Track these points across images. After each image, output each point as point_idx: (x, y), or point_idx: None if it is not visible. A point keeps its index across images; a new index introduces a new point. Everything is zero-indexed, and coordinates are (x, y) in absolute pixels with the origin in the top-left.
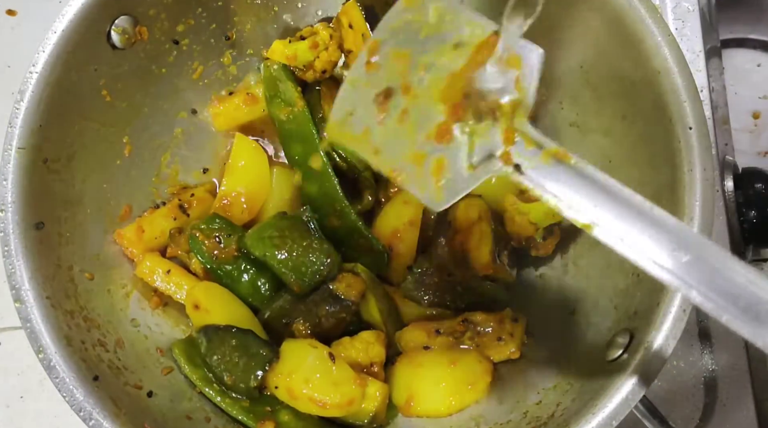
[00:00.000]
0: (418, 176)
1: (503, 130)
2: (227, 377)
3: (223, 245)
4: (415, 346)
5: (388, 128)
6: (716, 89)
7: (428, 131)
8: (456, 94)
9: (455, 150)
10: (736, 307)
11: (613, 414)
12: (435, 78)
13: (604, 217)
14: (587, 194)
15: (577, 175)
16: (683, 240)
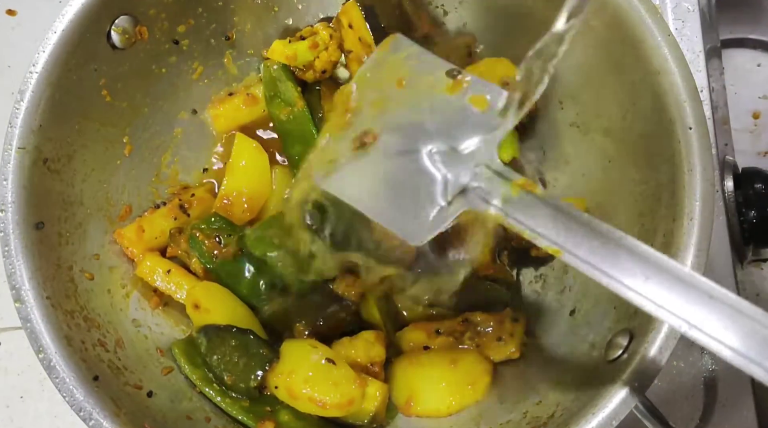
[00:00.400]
0: (397, 215)
1: (474, 165)
2: (227, 377)
3: (223, 244)
4: (415, 346)
5: (365, 171)
6: (716, 89)
7: (404, 170)
8: (428, 135)
9: (431, 186)
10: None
11: (612, 414)
12: (408, 122)
13: (570, 244)
14: (554, 224)
15: (544, 205)
16: (651, 266)
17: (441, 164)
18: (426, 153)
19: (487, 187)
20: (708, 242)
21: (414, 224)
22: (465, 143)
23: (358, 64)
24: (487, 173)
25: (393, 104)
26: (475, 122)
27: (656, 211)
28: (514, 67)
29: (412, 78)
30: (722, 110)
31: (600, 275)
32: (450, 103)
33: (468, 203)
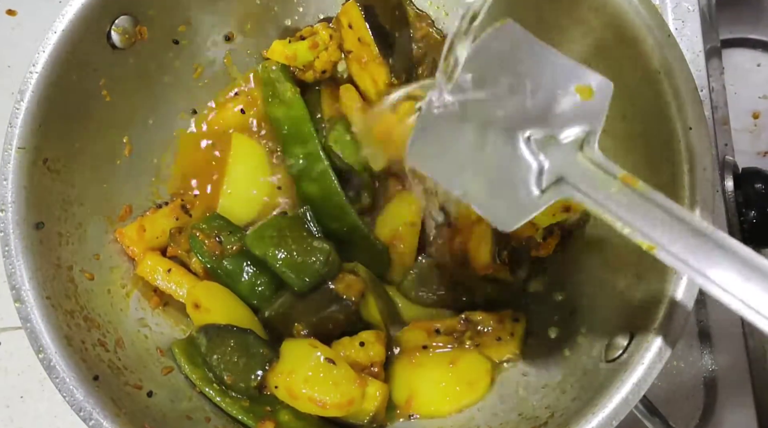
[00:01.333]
0: (488, 198)
1: (575, 156)
2: (227, 376)
3: (223, 244)
4: (415, 346)
5: (461, 148)
6: (716, 89)
7: (500, 151)
8: (528, 121)
9: (525, 173)
10: None
11: (613, 414)
12: (510, 101)
13: (665, 240)
14: (651, 218)
15: (643, 199)
16: (750, 268)
17: (539, 150)
18: (523, 137)
19: (585, 179)
20: None
21: (505, 209)
22: (566, 131)
23: (358, 64)
24: (587, 165)
25: (497, 85)
26: (578, 111)
27: None
28: None
29: (519, 63)
30: (722, 109)
31: (695, 275)
32: (555, 88)
33: (563, 193)
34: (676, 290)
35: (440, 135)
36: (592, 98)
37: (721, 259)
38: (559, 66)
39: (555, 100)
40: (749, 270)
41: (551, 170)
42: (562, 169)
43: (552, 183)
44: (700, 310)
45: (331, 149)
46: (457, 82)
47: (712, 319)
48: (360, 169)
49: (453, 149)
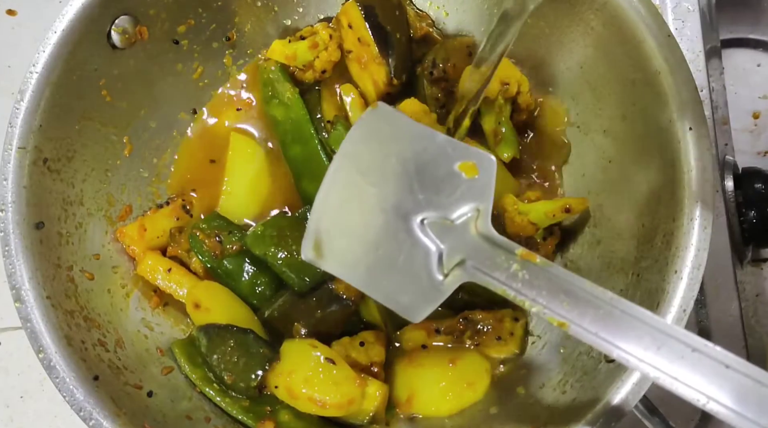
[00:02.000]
0: (393, 290)
1: (471, 236)
2: (227, 376)
3: (223, 244)
4: (414, 345)
5: (359, 245)
6: (716, 89)
7: (397, 242)
8: (419, 205)
9: (425, 259)
10: None
11: (613, 414)
12: (396, 190)
13: (574, 314)
14: (556, 293)
15: (545, 274)
16: (660, 334)
17: (434, 235)
18: (417, 224)
19: (485, 260)
20: (708, 242)
21: (411, 299)
22: (457, 212)
23: (358, 65)
24: (484, 245)
25: (379, 173)
26: (465, 189)
27: (656, 211)
28: (514, 68)
29: (397, 148)
30: (722, 110)
31: (609, 347)
32: (438, 169)
33: (466, 276)
34: (676, 291)
35: (335, 231)
36: (477, 175)
37: (631, 329)
38: (438, 145)
39: (441, 181)
40: (661, 338)
41: (450, 254)
42: (460, 251)
43: (454, 267)
44: (699, 310)
45: (332, 149)
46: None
47: (712, 319)
48: None
49: (350, 245)
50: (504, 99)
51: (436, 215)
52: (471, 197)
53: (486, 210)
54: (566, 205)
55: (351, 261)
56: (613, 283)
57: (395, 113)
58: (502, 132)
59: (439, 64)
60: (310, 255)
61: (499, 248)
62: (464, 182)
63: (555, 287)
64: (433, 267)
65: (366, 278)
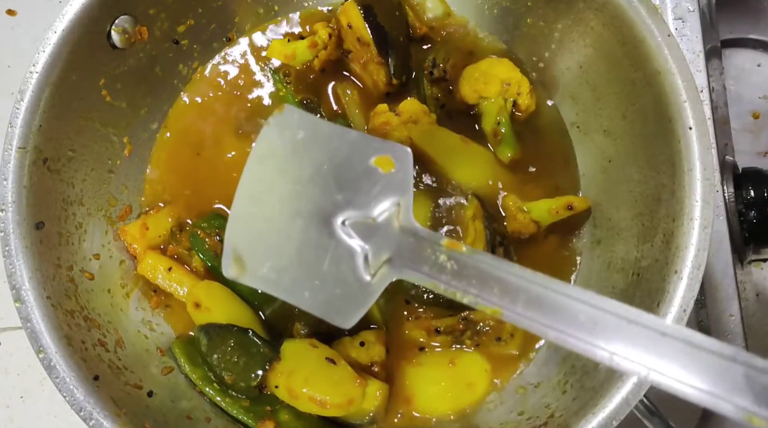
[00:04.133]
0: (320, 298)
1: (394, 232)
2: (227, 376)
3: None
4: (414, 345)
5: (280, 254)
6: (716, 89)
7: (320, 247)
8: (338, 206)
9: (351, 262)
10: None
11: (613, 414)
12: (313, 195)
13: (506, 300)
14: (486, 281)
15: (473, 262)
16: (598, 310)
17: (358, 235)
18: (339, 226)
19: (411, 254)
20: (708, 242)
21: (339, 305)
22: (378, 208)
23: (358, 65)
24: (408, 239)
25: (293, 178)
26: (384, 184)
27: (656, 211)
28: (514, 68)
29: (309, 150)
30: (722, 110)
31: (545, 329)
32: (354, 167)
33: (394, 274)
34: (676, 291)
35: (254, 244)
36: (393, 168)
37: (565, 308)
38: (350, 142)
39: (358, 179)
40: (596, 313)
41: (376, 253)
42: (386, 248)
43: (381, 266)
44: (700, 310)
45: None
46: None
47: (713, 319)
48: None
49: (272, 256)
50: (504, 100)
51: (357, 214)
52: (390, 191)
53: (407, 204)
54: (568, 203)
55: (274, 273)
56: (613, 283)
57: (303, 115)
58: (502, 133)
59: (439, 64)
60: (231, 272)
61: (425, 241)
62: (382, 178)
63: (484, 274)
64: (360, 269)
65: (291, 289)
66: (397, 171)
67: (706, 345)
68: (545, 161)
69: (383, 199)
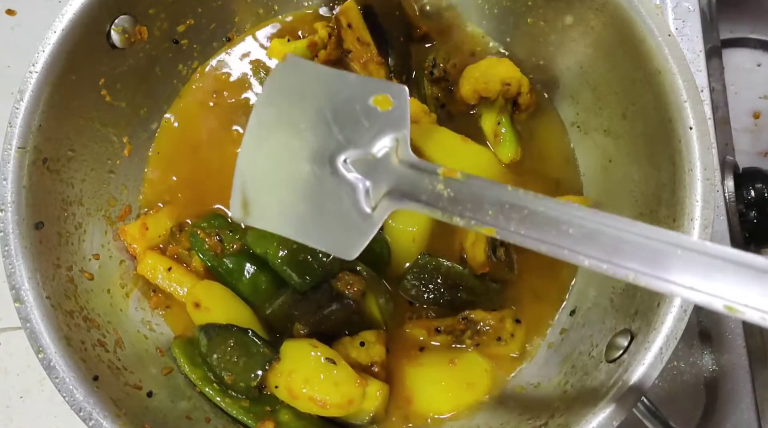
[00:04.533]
0: (324, 232)
1: (393, 165)
2: (227, 376)
3: (224, 243)
4: (415, 345)
5: (284, 193)
6: (716, 89)
7: (323, 185)
8: (340, 145)
9: (352, 196)
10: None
11: (613, 415)
12: (315, 135)
13: (501, 219)
14: (480, 203)
15: (467, 186)
16: (583, 222)
17: (358, 171)
18: (341, 163)
19: (410, 185)
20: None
21: (343, 237)
22: (378, 145)
23: (358, 64)
24: (406, 170)
25: (297, 122)
26: (383, 122)
27: (657, 211)
28: (515, 68)
29: (311, 94)
30: (722, 109)
31: (538, 245)
32: (353, 108)
33: (394, 205)
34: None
35: (261, 187)
36: (391, 106)
37: (557, 224)
38: (350, 85)
39: (358, 118)
40: (588, 225)
41: (376, 186)
42: (385, 181)
43: (380, 199)
44: (700, 310)
45: None
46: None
47: (713, 319)
48: None
49: (278, 198)
50: (504, 99)
51: (358, 152)
52: (389, 128)
53: (404, 137)
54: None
55: (280, 214)
56: (614, 283)
57: (305, 63)
58: (502, 132)
59: (440, 63)
60: (238, 214)
61: (422, 172)
62: (380, 115)
63: (478, 197)
64: (362, 202)
65: (297, 228)
66: (395, 108)
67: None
68: (546, 160)
69: (382, 135)
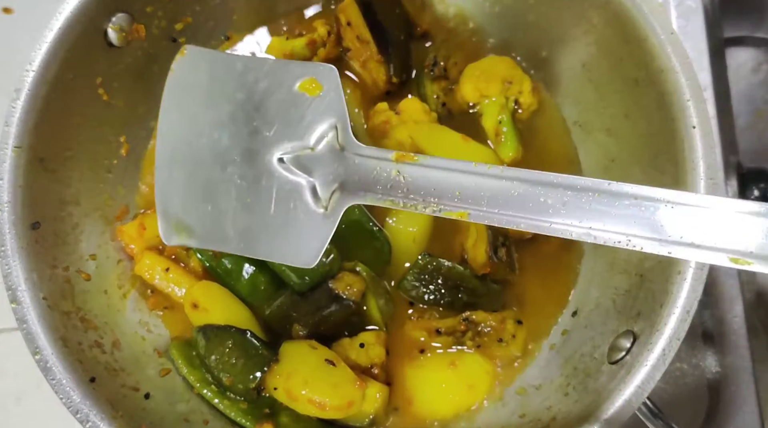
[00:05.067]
0: (278, 244)
1: (338, 156)
2: (225, 378)
3: None
4: (415, 346)
5: (224, 209)
6: (720, 88)
7: (264, 192)
8: (270, 142)
9: (298, 198)
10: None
11: (615, 417)
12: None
13: (470, 200)
14: (446, 185)
15: (427, 171)
16: (560, 191)
17: (299, 169)
18: (276, 164)
19: (361, 175)
20: None
21: (297, 245)
22: (314, 136)
23: (358, 63)
24: (355, 161)
25: (213, 122)
26: (315, 109)
27: None
28: (516, 66)
29: (223, 89)
30: (726, 108)
31: (516, 220)
32: (278, 98)
33: (348, 199)
34: (680, 292)
35: (189, 202)
36: (321, 91)
37: (531, 197)
38: (268, 71)
39: (286, 109)
40: (566, 193)
41: (323, 183)
42: (332, 177)
43: (331, 195)
44: (703, 311)
45: None
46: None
47: (716, 320)
48: None
49: (212, 212)
50: (505, 98)
51: (293, 146)
52: (323, 115)
53: (344, 124)
54: None
55: (217, 230)
56: (616, 284)
57: (208, 52)
58: (504, 131)
59: (440, 62)
60: (171, 239)
61: (372, 159)
62: (311, 102)
63: (442, 182)
64: (310, 204)
65: (244, 241)
66: (326, 92)
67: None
68: (547, 160)
69: (317, 125)
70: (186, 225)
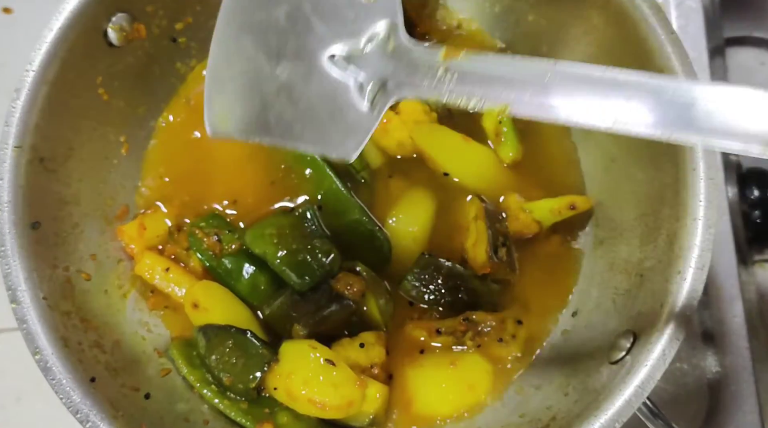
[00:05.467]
0: (318, 136)
1: (387, 54)
2: (226, 377)
3: (222, 243)
4: (415, 346)
5: (273, 101)
6: None
7: (314, 87)
8: (323, 40)
9: (345, 94)
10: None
11: (615, 417)
12: (296, 34)
13: (513, 95)
14: (488, 81)
15: (473, 66)
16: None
17: (348, 65)
18: (326, 62)
19: (409, 73)
20: (711, 242)
21: (339, 138)
22: (366, 36)
23: None
24: (405, 58)
25: (271, 22)
26: (369, 11)
27: (660, 211)
28: None
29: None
30: None
31: (556, 114)
32: (335, 1)
33: (392, 96)
34: (680, 292)
35: (239, 94)
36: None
37: (576, 88)
38: None
39: (340, 10)
40: (605, 84)
41: (370, 79)
42: (380, 73)
43: (377, 91)
44: (703, 311)
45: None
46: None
47: (716, 320)
48: (359, 168)
49: (261, 103)
50: None
51: (345, 46)
52: (377, 16)
53: (397, 23)
54: (571, 203)
55: (262, 121)
56: (616, 284)
57: None
58: (504, 131)
59: None
60: (215, 127)
61: (422, 56)
62: (366, 6)
63: (486, 75)
64: (356, 99)
65: (284, 133)
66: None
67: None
68: (547, 160)
69: (370, 25)
70: (231, 116)
